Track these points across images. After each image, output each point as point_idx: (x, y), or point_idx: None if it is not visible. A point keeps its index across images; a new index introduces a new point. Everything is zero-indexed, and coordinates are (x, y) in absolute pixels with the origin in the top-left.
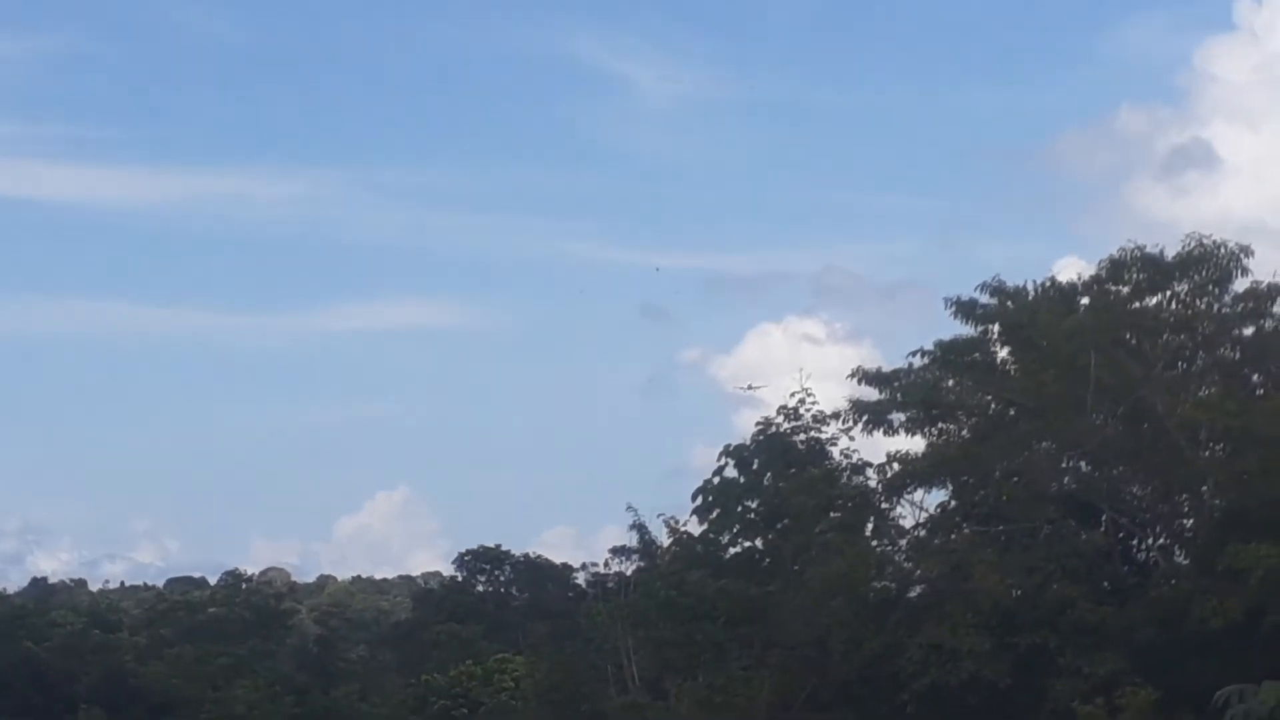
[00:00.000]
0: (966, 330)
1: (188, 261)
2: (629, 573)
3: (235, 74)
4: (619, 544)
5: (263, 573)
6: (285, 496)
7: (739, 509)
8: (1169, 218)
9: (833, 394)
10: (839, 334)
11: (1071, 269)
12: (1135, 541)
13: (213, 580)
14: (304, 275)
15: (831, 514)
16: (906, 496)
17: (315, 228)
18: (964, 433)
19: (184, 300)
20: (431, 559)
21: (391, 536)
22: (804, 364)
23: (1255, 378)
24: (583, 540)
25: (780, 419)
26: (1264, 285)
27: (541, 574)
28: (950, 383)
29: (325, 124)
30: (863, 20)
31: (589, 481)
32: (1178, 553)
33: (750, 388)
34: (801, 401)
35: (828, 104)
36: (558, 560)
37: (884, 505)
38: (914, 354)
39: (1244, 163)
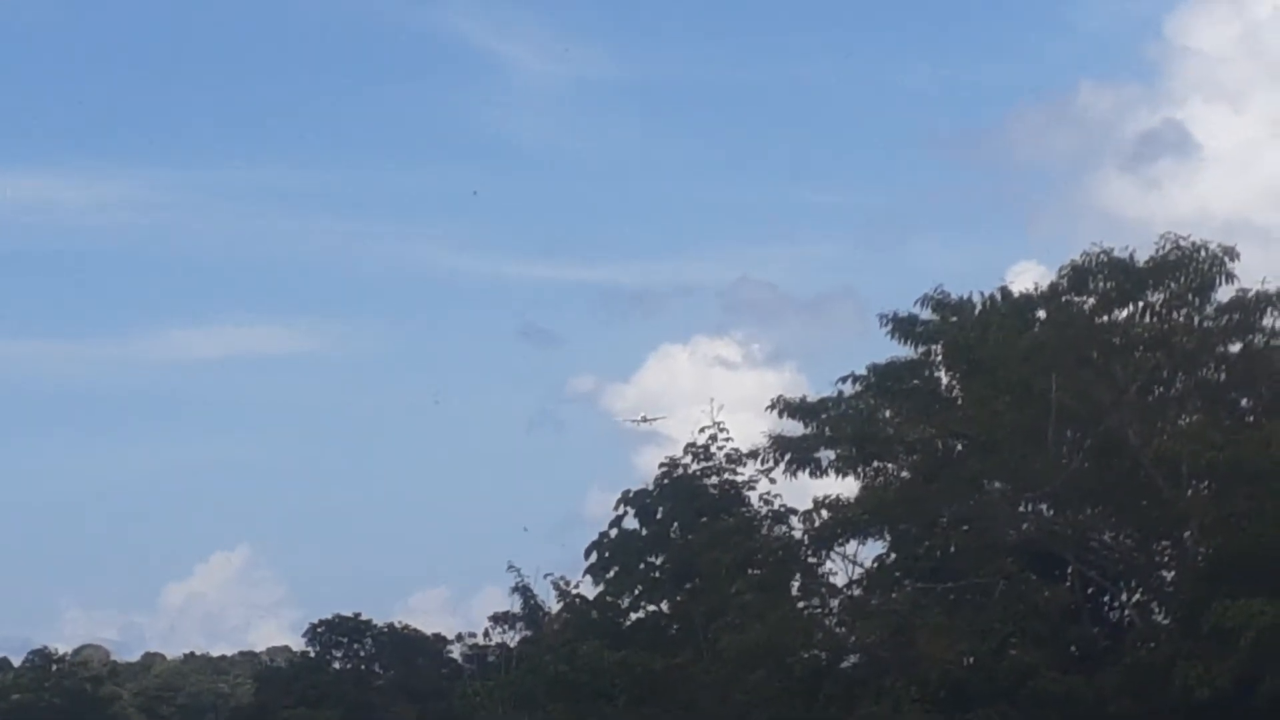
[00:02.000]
0: (905, 352)
1: None
2: (512, 644)
3: (37, 53)
4: (500, 610)
5: (77, 651)
6: (102, 559)
7: (641, 566)
8: (1139, 214)
9: (751, 428)
10: (756, 356)
11: (1027, 276)
12: (1107, 598)
13: (16, 661)
14: (123, 295)
15: (750, 571)
16: (838, 549)
17: (136, 238)
18: (904, 473)
19: None
20: (278, 632)
21: (230, 606)
22: (716, 392)
23: (1244, 402)
24: (458, 606)
25: (688, 459)
26: (1251, 294)
27: (409, 647)
28: (887, 414)
29: (147, 114)
30: None
31: (464, 535)
32: (1156, 610)
33: (645, 420)
34: (712, 438)
35: (738, 85)
36: (428, 630)
37: (811, 560)
38: (844, 380)
39: (1225, 149)
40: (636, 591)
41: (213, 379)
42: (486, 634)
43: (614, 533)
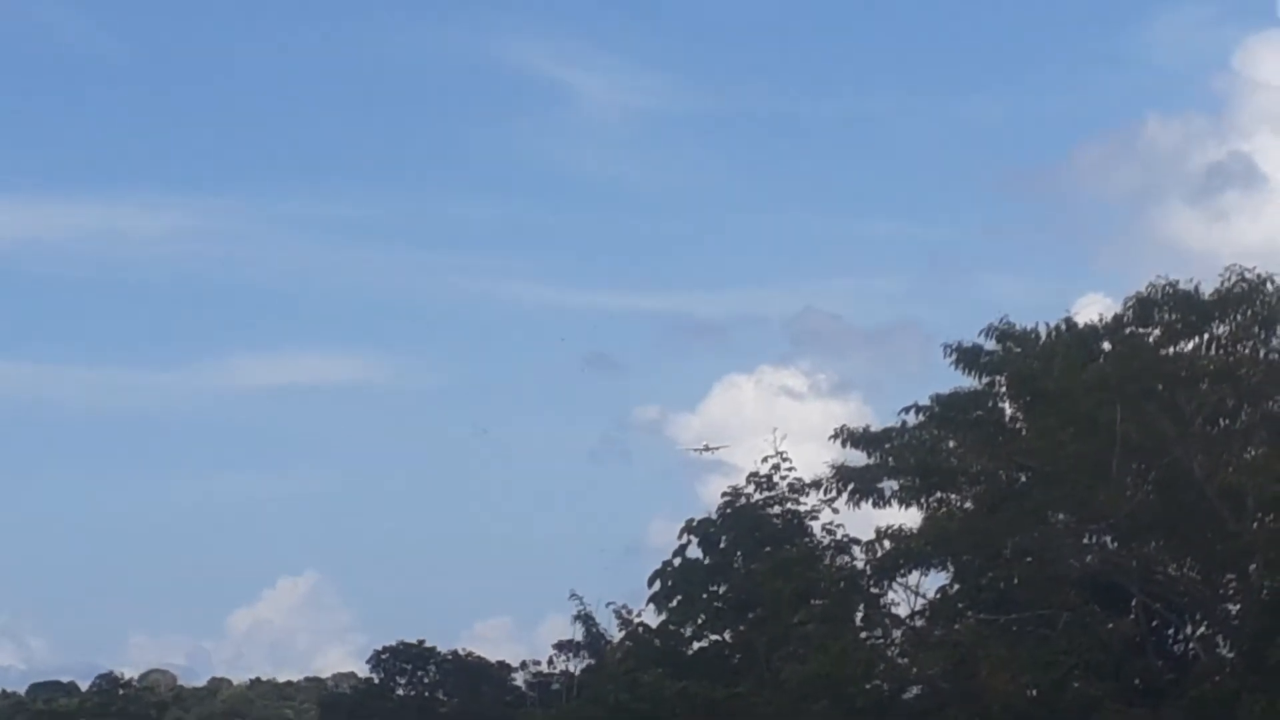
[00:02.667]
0: (969, 382)
1: (49, 309)
2: (575, 671)
3: (107, 86)
4: (564, 638)
5: (143, 676)
6: (170, 586)
7: (704, 595)
8: (1206, 247)
9: (815, 457)
10: (821, 386)
11: (1093, 308)
12: (1171, 630)
13: (84, 685)
14: (190, 324)
15: (812, 601)
16: (900, 580)
17: (202, 268)
18: (967, 504)
19: (47, 355)
20: (343, 658)
21: (296, 632)
22: (780, 422)
23: None
24: (522, 634)
25: (751, 488)
26: None
27: (473, 674)
28: (951, 444)
29: (212, 145)
30: (845, 18)
31: (529, 564)
32: (1221, 643)
33: (708, 449)
34: (776, 467)
35: (805, 116)
36: (492, 658)
37: (874, 590)
38: (907, 410)
39: None
40: (699, 621)
41: (278, 407)
42: (550, 662)
43: (677, 562)
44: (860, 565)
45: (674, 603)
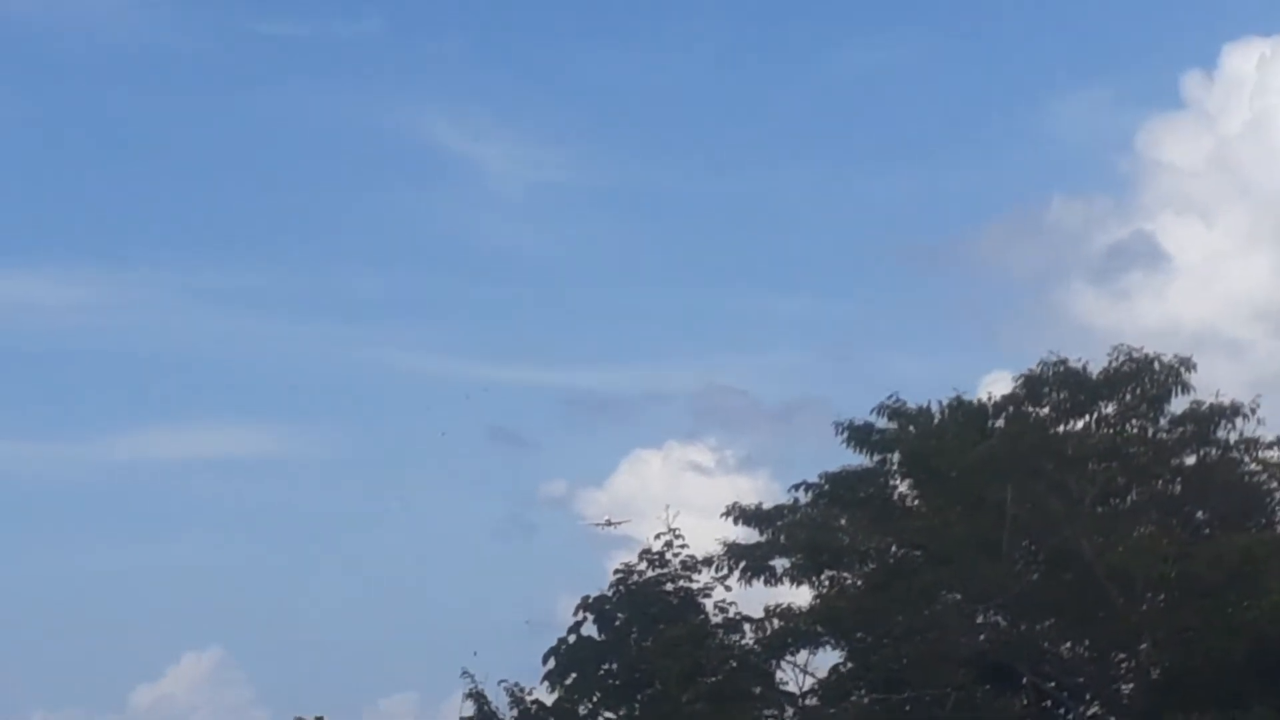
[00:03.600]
0: (860, 460)
1: None
2: None
3: (14, 153)
4: (464, 715)
5: None
6: (71, 661)
7: (599, 673)
8: (1109, 325)
9: (721, 534)
10: (729, 462)
11: (1000, 386)
12: (1062, 710)
13: None
14: (96, 395)
15: (701, 680)
16: (789, 659)
17: (110, 339)
18: (858, 582)
19: None
20: None
21: (199, 708)
22: (691, 497)
23: (1199, 514)
24: (427, 709)
25: (643, 565)
26: (1206, 406)
27: None
28: (843, 522)
29: (123, 216)
30: (750, 94)
31: (436, 638)
32: None
33: (609, 523)
34: (668, 544)
35: (709, 191)
36: None
37: (765, 669)
38: (797, 487)
39: (1195, 260)
40: (594, 699)
41: (183, 480)
42: None
43: (572, 638)
44: (749, 644)
45: (568, 680)
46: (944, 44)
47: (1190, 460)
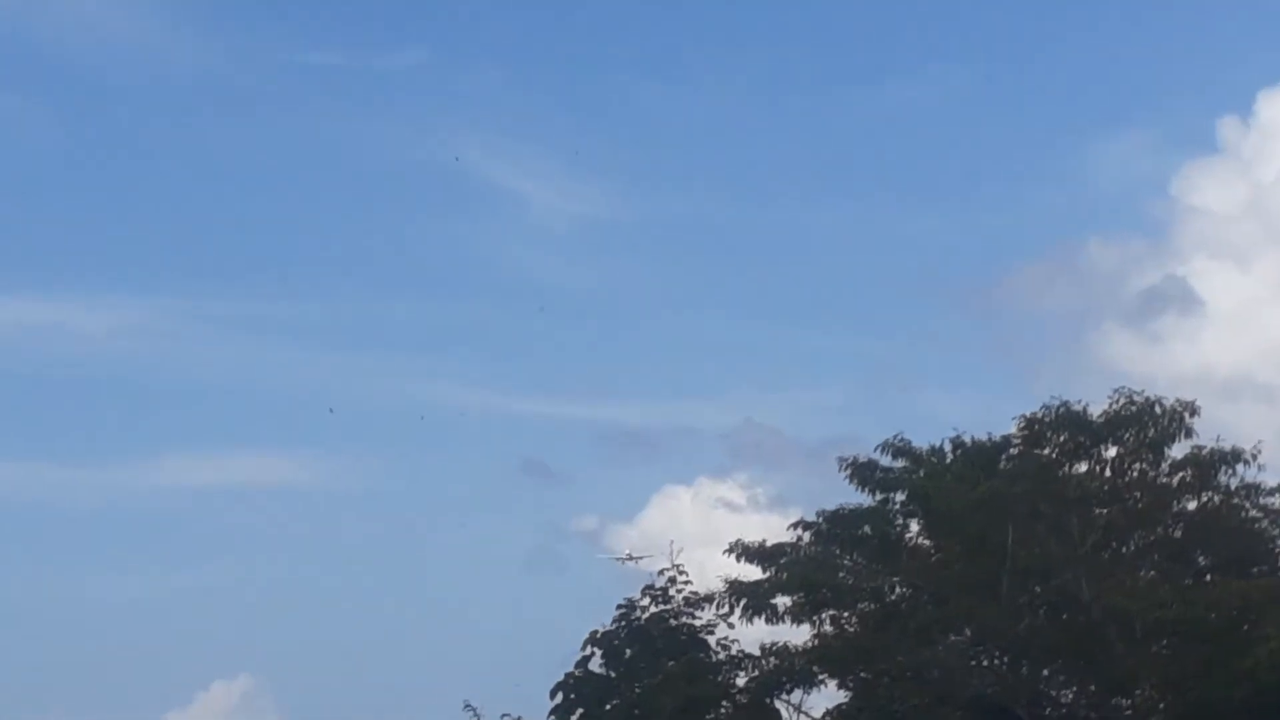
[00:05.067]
0: (864, 499)
1: None
2: None
3: (47, 181)
4: None
5: None
6: (101, 688)
7: (608, 708)
8: (1142, 369)
9: (746, 572)
10: (760, 499)
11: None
12: None
13: None
14: (124, 422)
15: (705, 717)
16: (784, 698)
17: (138, 366)
18: (854, 621)
19: None
20: None
21: None
22: (721, 534)
23: (1201, 560)
24: None
25: (646, 601)
26: (1207, 450)
27: None
28: (846, 561)
29: (158, 243)
30: (790, 131)
31: (464, 671)
32: None
33: (630, 558)
34: (672, 580)
35: (748, 226)
36: None
37: (763, 707)
38: (796, 525)
39: (1229, 306)
40: None
41: (212, 507)
42: None
43: (579, 673)
44: (745, 682)
45: (575, 716)
46: (983, 84)
47: (1192, 505)
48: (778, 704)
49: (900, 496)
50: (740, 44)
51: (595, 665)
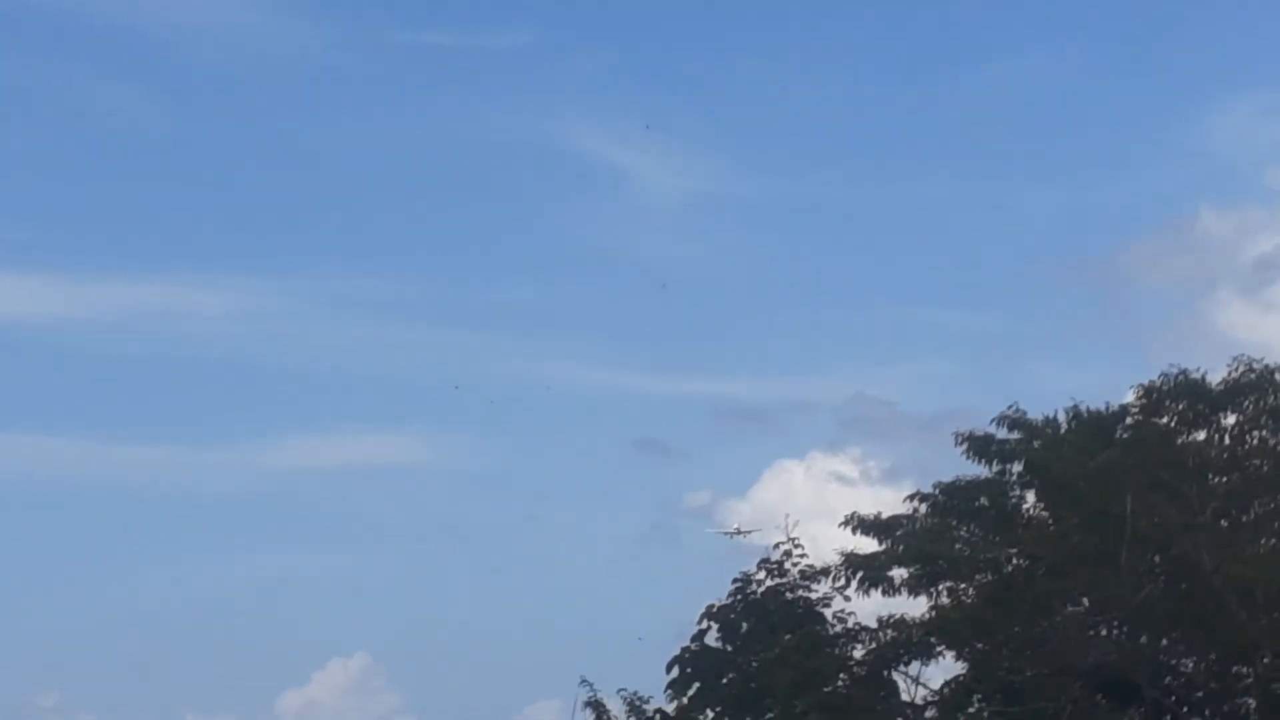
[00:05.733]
0: (980, 471)
1: (100, 386)
2: None
3: (167, 167)
4: None
5: None
6: (220, 666)
7: (724, 682)
8: (1258, 338)
9: (861, 545)
10: (872, 473)
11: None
12: None
13: None
14: (244, 404)
15: (822, 689)
16: (901, 670)
17: (258, 348)
18: (972, 592)
19: (93, 433)
20: None
21: (346, 713)
22: (833, 507)
23: None
24: (570, 717)
25: (762, 574)
26: None
27: None
28: (962, 533)
29: (279, 227)
30: (901, 107)
31: (581, 646)
32: None
33: (739, 532)
34: (787, 554)
35: (858, 201)
36: None
37: (880, 679)
38: (913, 497)
39: None
40: (717, 710)
41: (329, 488)
42: None
43: (695, 647)
44: (862, 655)
45: (691, 689)
46: (1096, 58)
47: None
48: (895, 676)
49: (1017, 467)
50: (851, 21)
51: (711, 639)
